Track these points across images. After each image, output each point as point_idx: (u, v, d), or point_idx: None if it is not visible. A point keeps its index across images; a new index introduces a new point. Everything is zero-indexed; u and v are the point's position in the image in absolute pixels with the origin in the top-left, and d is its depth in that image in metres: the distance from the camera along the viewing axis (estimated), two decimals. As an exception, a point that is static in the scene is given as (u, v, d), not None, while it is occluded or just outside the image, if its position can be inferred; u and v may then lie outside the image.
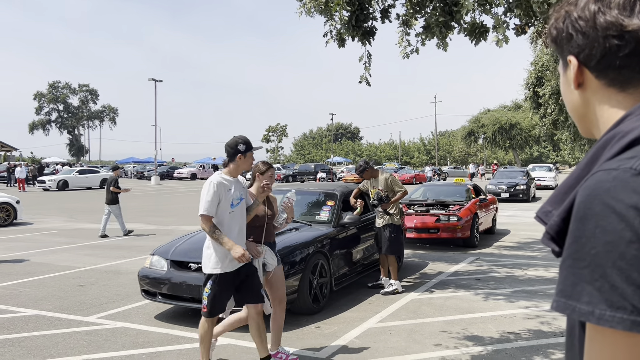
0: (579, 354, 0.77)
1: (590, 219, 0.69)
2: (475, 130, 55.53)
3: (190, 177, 52.71)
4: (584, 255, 0.68)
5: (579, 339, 0.77)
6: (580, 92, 0.87)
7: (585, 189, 0.72)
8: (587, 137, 0.92)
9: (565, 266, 0.71)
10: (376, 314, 6.17)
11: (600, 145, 0.77)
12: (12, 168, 39.19)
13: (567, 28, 0.84)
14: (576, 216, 0.71)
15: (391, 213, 7.24)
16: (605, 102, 0.83)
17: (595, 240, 0.68)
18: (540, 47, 23.05)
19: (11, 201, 15.66)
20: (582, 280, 0.68)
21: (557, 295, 0.71)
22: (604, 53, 0.80)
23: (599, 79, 0.83)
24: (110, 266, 9.17)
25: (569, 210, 0.74)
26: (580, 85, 0.86)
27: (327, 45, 6.76)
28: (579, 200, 0.72)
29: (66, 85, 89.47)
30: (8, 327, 5.72)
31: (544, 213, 0.80)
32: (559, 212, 0.76)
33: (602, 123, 0.84)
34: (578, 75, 0.85)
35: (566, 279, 0.70)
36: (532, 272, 8.53)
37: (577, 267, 0.69)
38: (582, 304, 0.67)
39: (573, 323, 0.80)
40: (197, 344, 5.14)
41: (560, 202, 0.78)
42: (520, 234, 13.13)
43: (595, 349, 0.69)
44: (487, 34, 6.22)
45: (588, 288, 0.67)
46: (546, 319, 5.94)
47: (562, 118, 22.59)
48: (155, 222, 16.11)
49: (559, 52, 0.89)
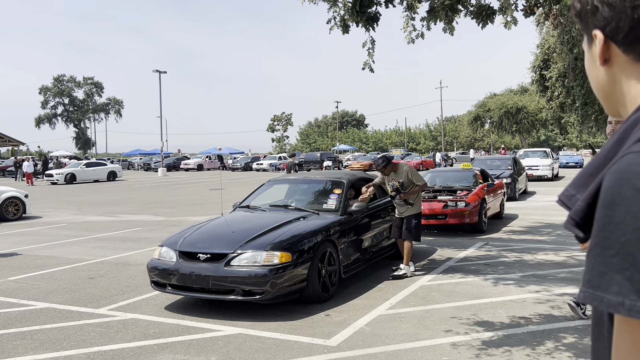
0: (608, 344, 0.73)
1: (619, 204, 0.65)
2: (482, 115, 55.21)
3: (197, 168, 52.82)
4: (612, 243, 0.64)
5: (608, 329, 0.73)
6: (606, 69, 0.82)
7: (614, 173, 0.68)
8: (614, 116, 0.88)
9: (593, 255, 0.67)
10: (385, 301, 6.16)
11: (629, 125, 0.73)
12: (20, 162, 39.42)
13: (592, 0, 0.79)
14: (604, 201, 0.67)
15: (413, 203, 7.38)
16: (633, 78, 0.79)
17: (625, 226, 0.64)
18: (547, 30, 22.77)
19: (20, 195, 15.76)
20: (611, 270, 0.64)
21: (584, 285, 0.67)
22: (632, 25, 0.75)
23: (627, 54, 0.78)
24: (119, 258, 9.22)
25: (595, 194, 0.70)
26: (607, 61, 0.81)
27: (330, 32, 6.69)
28: (606, 185, 0.68)
29: (71, 78, 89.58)
30: (20, 320, 5.77)
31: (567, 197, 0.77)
32: (584, 197, 0.73)
33: (629, 101, 0.80)
34: (604, 50, 0.80)
35: (593, 268, 0.67)
36: (542, 256, 8.49)
37: (605, 256, 0.65)
38: (611, 295, 0.64)
39: (601, 311, 0.76)
40: (208, 334, 5.17)
41: (585, 186, 0.74)
42: (529, 218, 13.06)
43: (625, 342, 0.65)
44: (494, 16, 6.13)
45: (617, 277, 0.63)
46: (557, 303, 5.91)
47: (569, 101, 22.35)
48: (163, 214, 16.17)
49: (584, 26, 0.84)
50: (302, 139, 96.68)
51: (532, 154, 27.03)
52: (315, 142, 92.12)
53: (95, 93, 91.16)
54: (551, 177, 24.99)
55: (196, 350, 4.77)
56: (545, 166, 24.70)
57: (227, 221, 6.92)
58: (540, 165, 24.64)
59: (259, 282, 5.53)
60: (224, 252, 5.82)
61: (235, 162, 53.42)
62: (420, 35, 6.56)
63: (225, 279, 5.62)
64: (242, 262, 5.70)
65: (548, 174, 24.71)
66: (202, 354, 4.68)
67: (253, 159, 54.39)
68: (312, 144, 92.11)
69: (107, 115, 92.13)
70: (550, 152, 27.58)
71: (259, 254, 5.72)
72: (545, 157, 25.98)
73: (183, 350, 4.76)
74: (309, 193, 8.00)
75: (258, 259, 5.69)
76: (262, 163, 49.52)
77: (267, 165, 48.68)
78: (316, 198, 7.72)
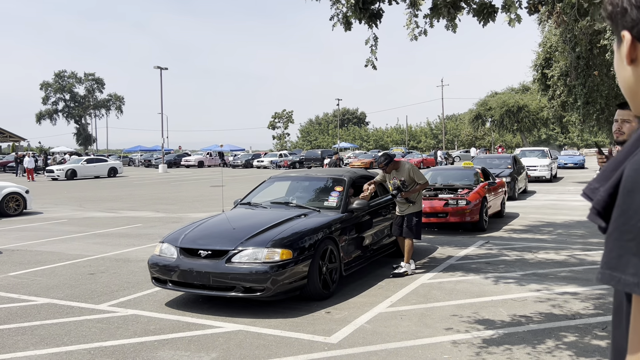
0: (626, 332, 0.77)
1: (638, 191, 0.69)
2: (483, 114, 55.12)
3: (198, 164, 52.84)
4: (630, 228, 0.69)
5: (627, 314, 0.77)
6: (633, 68, 0.85)
7: (634, 163, 0.72)
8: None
9: (612, 239, 0.71)
10: (386, 299, 6.16)
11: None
12: (21, 158, 39.43)
13: (622, 2, 0.83)
14: (624, 189, 0.71)
15: (414, 201, 7.38)
16: None
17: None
18: (549, 28, 22.71)
19: (21, 191, 15.76)
20: (628, 253, 0.68)
21: (602, 267, 0.72)
22: None
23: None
24: (120, 254, 9.22)
25: (617, 185, 0.75)
26: (634, 61, 0.84)
27: (333, 29, 6.68)
28: (627, 174, 0.72)
29: (72, 74, 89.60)
30: (21, 316, 5.77)
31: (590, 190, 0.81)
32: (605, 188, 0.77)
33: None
34: (631, 50, 0.83)
35: (611, 251, 0.71)
36: (543, 255, 8.49)
37: (623, 240, 0.69)
38: (628, 276, 0.68)
39: (620, 299, 0.80)
40: (209, 330, 5.17)
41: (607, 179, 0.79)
42: (530, 217, 13.05)
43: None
44: (496, 14, 6.11)
45: (634, 260, 0.68)
46: (558, 302, 5.91)
47: (570, 100, 22.27)
48: (163, 210, 16.17)
49: (614, 27, 0.88)
50: (302, 137, 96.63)
51: (529, 153, 25.76)
52: (316, 140, 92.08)
53: (96, 89, 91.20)
54: (550, 178, 24.08)
55: (197, 346, 4.77)
56: (544, 166, 23.67)
57: (228, 218, 6.92)
58: (538, 166, 23.60)
59: (259, 279, 5.53)
60: (225, 249, 5.82)
61: (236, 159, 53.44)
62: (423, 32, 6.55)
63: (226, 276, 5.62)
64: (243, 259, 5.70)
65: (546, 175, 23.68)
66: (203, 350, 4.68)
67: (254, 156, 54.41)
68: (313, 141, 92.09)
69: (108, 111, 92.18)
70: (549, 151, 26.43)
71: (260, 250, 5.72)
72: (543, 156, 24.90)
73: (184, 347, 4.76)
74: (310, 190, 8.00)
75: (259, 255, 5.69)
76: (262, 160, 49.55)
77: (267, 162, 48.71)
78: (317, 195, 7.71)
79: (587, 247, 9.05)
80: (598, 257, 8.18)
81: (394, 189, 7.37)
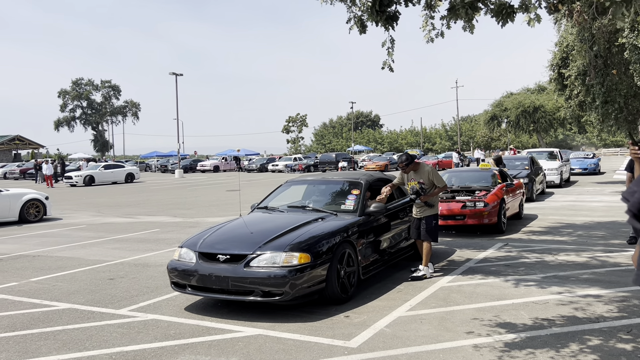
0: None
1: None
2: (498, 114, 54.65)
3: (213, 169, 53.14)
4: None
5: None
6: None
7: None
8: None
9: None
10: (405, 302, 6.11)
11: None
12: (40, 165, 40.04)
13: None
14: None
15: (433, 204, 7.35)
16: None
17: None
18: (565, 27, 22.45)
19: (40, 197, 16.01)
20: None
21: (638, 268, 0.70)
22: None
23: None
24: (139, 259, 9.29)
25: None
26: None
27: (350, 32, 6.67)
28: None
29: (89, 82, 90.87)
30: (43, 321, 5.84)
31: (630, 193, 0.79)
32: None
33: None
34: None
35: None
36: (563, 257, 8.37)
37: None
38: None
39: None
40: (228, 335, 5.17)
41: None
42: (549, 218, 12.89)
43: None
44: (515, 14, 6.05)
45: None
46: (580, 304, 5.81)
47: (588, 99, 21.92)
48: (180, 215, 16.27)
49: None
50: (316, 140, 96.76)
51: (537, 155, 22.57)
52: (330, 143, 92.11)
53: (113, 96, 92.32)
54: (559, 182, 21.39)
55: (217, 351, 4.78)
56: (552, 170, 21.05)
57: (246, 222, 6.94)
58: (547, 169, 20.77)
59: (278, 283, 5.53)
60: (243, 253, 5.83)
61: (251, 164, 53.65)
62: (440, 34, 6.51)
63: (245, 280, 5.63)
64: (261, 263, 5.70)
65: (555, 180, 21.06)
66: (223, 354, 4.68)
67: (268, 160, 54.59)
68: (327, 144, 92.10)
69: (125, 117, 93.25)
70: (559, 152, 23.87)
71: (278, 255, 5.72)
72: (552, 158, 22.46)
73: (204, 351, 4.77)
74: (327, 194, 7.98)
75: (277, 259, 5.69)
76: (277, 164, 49.67)
77: (282, 166, 48.81)
78: (334, 199, 7.69)
79: (609, 249, 8.90)
80: (620, 259, 8.03)
81: (413, 193, 7.33)
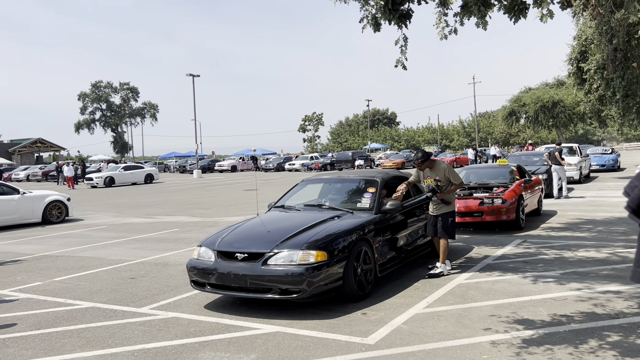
0: None
1: None
2: (517, 110, 53.99)
3: (231, 169, 53.52)
4: None
5: None
6: None
7: None
8: None
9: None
10: (422, 300, 6.13)
11: None
12: (61, 167, 40.77)
13: None
14: None
15: (449, 202, 7.35)
16: None
17: None
18: (584, 21, 22.11)
19: (62, 199, 16.34)
20: None
21: (635, 264, 0.71)
22: None
23: None
24: (159, 258, 9.44)
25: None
26: None
27: (363, 31, 6.70)
28: None
29: (108, 84, 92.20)
30: (67, 319, 5.99)
31: (630, 187, 0.80)
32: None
33: None
34: None
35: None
36: (582, 253, 8.29)
37: None
38: None
39: None
40: (247, 332, 5.25)
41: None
42: (568, 214, 12.75)
43: None
44: (527, 10, 6.02)
45: None
46: (600, 300, 5.77)
47: (609, 93, 21.57)
48: (199, 215, 16.45)
49: None
50: (333, 139, 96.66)
51: None
52: (346, 142, 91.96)
53: (131, 98, 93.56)
54: (579, 179, 21.07)
55: (236, 348, 4.86)
56: (571, 165, 20.27)
57: (263, 221, 7.01)
58: None
59: (295, 281, 5.59)
60: (261, 252, 5.90)
61: (268, 163, 53.91)
62: (453, 31, 6.50)
63: (263, 278, 5.70)
64: (278, 261, 5.77)
65: (574, 175, 20.64)
66: (242, 351, 4.76)
67: (285, 159, 54.79)
68: (344, 143, 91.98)
69: (143, 119, 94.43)
70: (578, 147, 23.70)
71: (295, 253, 5.78)
72: (571, 154, 22.02)
73: (223, 348, 4.86)
74: (343, 192, 8.02)
75: (294, 258, 5.75)
76: (294, 163, 49.83)
77: (299, 165, 48.96)
78: (350, 197, 7.73)
79: (630, 245, 8.79)
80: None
81: (429, 191, 7.33)
